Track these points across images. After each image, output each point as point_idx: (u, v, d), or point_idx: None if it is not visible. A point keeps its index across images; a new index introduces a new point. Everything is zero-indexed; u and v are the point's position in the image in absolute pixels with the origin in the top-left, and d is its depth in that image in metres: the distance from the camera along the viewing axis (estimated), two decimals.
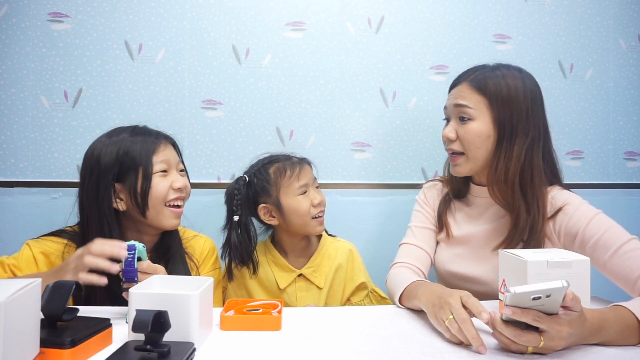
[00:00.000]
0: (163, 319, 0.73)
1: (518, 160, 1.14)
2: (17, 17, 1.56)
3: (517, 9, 1.73)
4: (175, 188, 1.16)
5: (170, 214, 1.16)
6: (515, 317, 0.75)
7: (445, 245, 1.28)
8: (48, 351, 0.71)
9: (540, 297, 0.73)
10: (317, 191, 1.35)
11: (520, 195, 1.14)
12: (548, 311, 0.76)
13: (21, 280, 0.66)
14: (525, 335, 0.76)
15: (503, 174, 1.14)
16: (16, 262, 1.09)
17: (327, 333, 0.89)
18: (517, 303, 0.75)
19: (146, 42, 1.60)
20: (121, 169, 1.12)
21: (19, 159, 1.56)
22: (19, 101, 1.56)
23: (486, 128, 1.15)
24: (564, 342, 0.76)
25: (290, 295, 1.33)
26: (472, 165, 1.20)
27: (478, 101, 1.16)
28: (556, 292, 0.73)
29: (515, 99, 1.14)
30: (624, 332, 0.83)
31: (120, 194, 1.13)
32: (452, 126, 1.21)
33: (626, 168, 1.78)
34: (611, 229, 1.05)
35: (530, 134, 1.15)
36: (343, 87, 1.68)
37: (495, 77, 1.16)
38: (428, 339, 0.86)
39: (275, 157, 1.36)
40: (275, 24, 1.65)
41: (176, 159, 1.20)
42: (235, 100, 1.64)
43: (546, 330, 0.75)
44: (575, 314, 0.77)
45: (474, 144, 1.17)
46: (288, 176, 1.31)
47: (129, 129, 1.17)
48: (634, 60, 1.78)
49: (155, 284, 0.90)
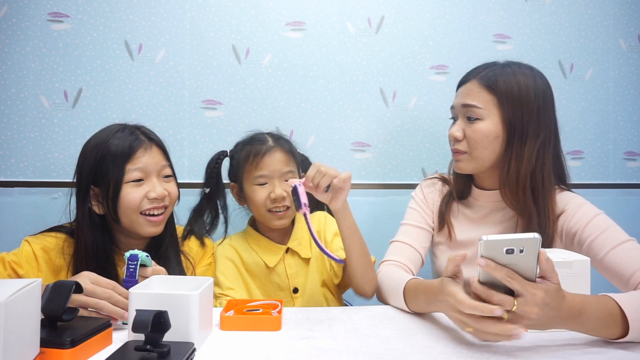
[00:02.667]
0: (163, 319, 0.73)
1: (529, 163, 1.11)
2: (17, 17, 1.56)
3: (517, 9, 1.73)
4: (151, 198, 1.10)
5: (145, 222, 1.11)
6: (488, 269, 0.74)
7: (447, 249, 1.25)
8: (48, 351, 0.71)
9: (513, 251, 0.73)
10: (282, 184, 1.26)
11: (532, 197, 1.11)
12: (523, 274, 0.75)
13: (21, 281, 0.66)
14: (498, 296, 0.75)
15: (515, 176, 1.11)
16: (16, 259, 1.09)
17: (327, 333, 0.89)
18: (491, 255, 0.74)
19: (146, 42, 1.60)
20: (97, 173, 1.09)
21: (19, 159, 1.56)
22: (19, 101, 1.56)
23: (495, 128, 1.12)
24: (538, 309, 0.74)
25: (281, 275, 1.29)
26: (475, 165, 1.16)
27: (487, 100, 1.12)
28: (529, 245, 0.73)
29: (526, 98, 1.11)
30: (606, 321, 0.81)
31: (99, 198, 1.11)
32: (460, 125, 1.17)
33: (626, 168, 1.78)
34: (610, 229, 1.04)
35: (542, 134, 1.12)
36: (343, 87, 1.68)
37: (506, 74, 1.12)
38: (428, 339, 0.86)
39: (254, 138, 1.33)
40: (275, 24, 1.65)
41: (158, 164, 1.14)
42: (235, 100, 1.64)
43: (520, 293, 0.74)
44: (553, 285, 0.76)
45: (481, 144, 1.13)
46: (249, 162, 1.26)
47: (114, 129, 1.14)
48: (634, 60, 1.78)
49: (155, 284, 0.90)
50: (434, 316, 0.99)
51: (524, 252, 0.73)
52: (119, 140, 1.11)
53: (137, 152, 1.11)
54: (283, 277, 1.29)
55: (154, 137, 1.18)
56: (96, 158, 1.10)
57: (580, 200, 1.13)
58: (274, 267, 1.29)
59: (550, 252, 0.94)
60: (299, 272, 1.30)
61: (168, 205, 1.16)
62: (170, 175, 1.18)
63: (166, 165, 1.17)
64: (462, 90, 1.18)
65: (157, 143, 1.17)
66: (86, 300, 0.86)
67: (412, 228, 1.27)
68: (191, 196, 1.38)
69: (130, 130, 1.14)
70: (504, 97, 1.11)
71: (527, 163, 1.11)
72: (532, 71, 1.15)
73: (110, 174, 1.09)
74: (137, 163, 1.10)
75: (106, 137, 1.12)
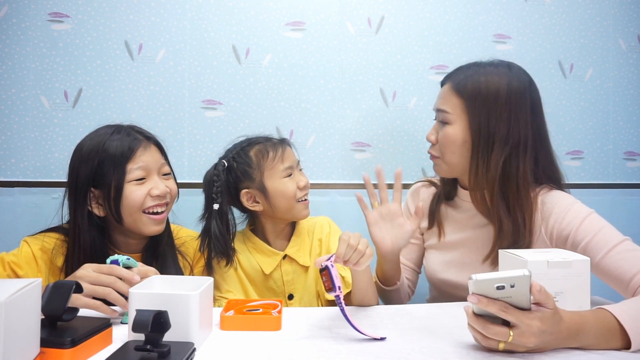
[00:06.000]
0: (163, 319, 0.73)
1: (496, 170, 1.07)
2: (17, 17, 1.56)
3: (517, 9, 1.73)
4: (154, 195, 1.12)
5: (148, 221, 1.12)
6: (481, 305, 0.73)
7: (436, 252, 1.25)
8: (48, 351, 0.71)
9: (504, 287, 0.72)
10: (302, 173, 1.29)
11: (503, 203, 1.08)
12: (518, 305, 0.74)
13: (21, 281, 0.66)
14: (494, 328, 0.74)
15: (483, 182, 1.10)
16: (16, 260, 1.09)
17: (327, 333, 0.89)
18: (482, 292, 0.74)
19: (146, 42, 1.60)
20: (97, 174, 1.09)
21: (19, 159, 1.56)
22: (19, 101, 1.56)
23: (462, 134, 1.10)
24: (535, 339, 0.74)
25: (277, 281, 1.27)
26: (447, 168, 1.16)
27: (456, 105, 1.10)
28: (519, 282, 0.72)
29: (494, 102, 1.07)
30: (605, 336, 0.80)
31: (99, 200, 1.11)
32: (434, 129, 1.18)
33: (626, 168, 1.78)
34: (603, 230, 1.01)
35: (511, 141, 1.07)
36: (343, 87, 1.68)
37: (477, 77, 1.09)
38: (428, 339, 0.86)
39: (254, 139, 1.29)
40: (275, 24, 1.65)
41: (158, 162, 1.16)
42: (235, 100, 1.64)
43: (516, 325, 0.73)
44: (548, 310, 0.75)
45: (449, 149, 1.12)
46: (271, 158, 1.23)
47: (111, 128, 1.14)
48: (633, 60, 1.78)
49: (155, 284, 0.90)
50: (433, 316, 0.99)
51: (515, 287, 0.73)
52: (117, 142, 1.11)
53: (137, 152, 1.11)
54: (279, 283, 1.27)
55: (150, 135, 1.18)
56: (94, 161, 1.09)
57: (569, 200, 1.09)
58: (270, 274, 1.27)
59: (550, 252, 0.94)
60: (296, 279, 1.28)
61: (169, 202, 1.17)
62: (169, 172, 1.19)
63: (165, 163, 1.18)
64: (439, 93, 1.18)
65: (155, 141, 1.18)
66: (94, 289, 0.88)
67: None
68: (191, 196, 1.38)
69: (127, 131, 1.14)
70: (471, 101, 1.08)
71: (494, 170, 1.07)
72: (510, 71, 1.11)
73: (112, 175, 1.09)
74: (138, 162, 1.11)
75: (102, 140, 1.11)
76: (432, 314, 1.00)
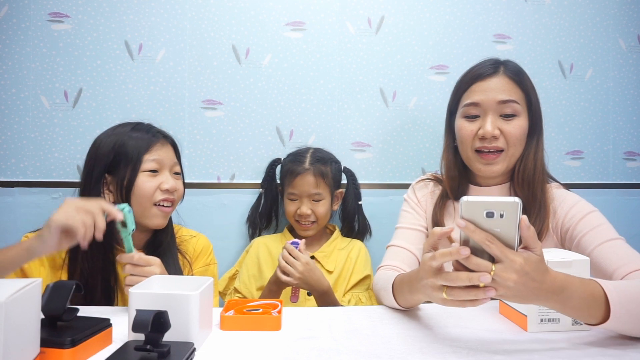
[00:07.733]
0: (163, 319, 0.73)
1: (542, 158, 1.14)
2: (17, 17, 1.56)
3: (517, 9, 1.73)
4: (163, 189, 1.15)
5: (157, 212, 1.15)
6: (467, 231, 0.72)
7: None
8: (48, 351, 0.71)
9: (493, 215, 0.72)
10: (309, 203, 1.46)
11: (541, 193, 1.12)
12: (505, 241, 0.73)
13: (21, 280, 0.66)
14: (476, 259, 0.72)
15: (532, 172, 1.12)
16: None
17: (327, 333, 0.89)
18: (471, 218, 0.73)
19: (146, 42, 1.60)
20: (113, 161, 1.13)
21: (19, 159, 1.56)
22: (19, 101, 1.56)
23: (526, 124, 1.13)
24: (516, 276, 0.71)
25: None
26: (508, 164, 1.14)
27: (520, 96, 1.14)
28: (509, 210, 0.71)
29: (536, 94, 1.15)
30: (588, 302, 0.78)
31: (110, 186, 1.15)
32: (494, 123, 1.11)
33: (626, 168, 1.78)
34: (601, 226, 1.04)
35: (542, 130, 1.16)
36: (343, 87, 1.68)
37: (519, 67, 1.16)
38: (428, 339, 0.86)
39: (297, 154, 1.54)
40: (275, 24, 1.65)
41: (172, 160, 1.20)
42: (235, 100, 1.64)
43: (499, 259, 0.72)
44: (535, 256, 0.73)
45: (519, 141, 1.13)
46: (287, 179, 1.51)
47: (132, 124, 1.20)
48: (633, 60, 1.78)
49: (155, 284, 0.90)
50: (433, 316, 0.99)
51: (504, 217, 0.72)
52: (139, 134, 1.17)
53: (155, 145, 1.17)
54: None
55: (168, 135, 1.24)
56: (114, 146, 1.14)
57: (575, 197, 1.13)
58: None
59: (549, 252, 0.94)
60: None
61: (175, 200, 1.20)
62: (180, 173, 1.23)
63: (177, 163, 1.23)
64: (488, 85, 1.12)
65: (171, 141, 1.24)
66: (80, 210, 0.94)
67: (407, 231, 1.24)
68: (191, 196, 1.38)
69: (147, 128, 1.21)
70: (530, 92, 1.14)
71: (541, 158, 1.14)
72: None
73: (128, 161, 1.13)
74: (153, 155, 1.16)
75: (123, 132, 1.17)
76: (432, 314, 1.00)
